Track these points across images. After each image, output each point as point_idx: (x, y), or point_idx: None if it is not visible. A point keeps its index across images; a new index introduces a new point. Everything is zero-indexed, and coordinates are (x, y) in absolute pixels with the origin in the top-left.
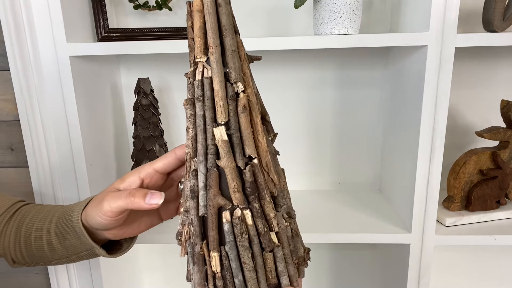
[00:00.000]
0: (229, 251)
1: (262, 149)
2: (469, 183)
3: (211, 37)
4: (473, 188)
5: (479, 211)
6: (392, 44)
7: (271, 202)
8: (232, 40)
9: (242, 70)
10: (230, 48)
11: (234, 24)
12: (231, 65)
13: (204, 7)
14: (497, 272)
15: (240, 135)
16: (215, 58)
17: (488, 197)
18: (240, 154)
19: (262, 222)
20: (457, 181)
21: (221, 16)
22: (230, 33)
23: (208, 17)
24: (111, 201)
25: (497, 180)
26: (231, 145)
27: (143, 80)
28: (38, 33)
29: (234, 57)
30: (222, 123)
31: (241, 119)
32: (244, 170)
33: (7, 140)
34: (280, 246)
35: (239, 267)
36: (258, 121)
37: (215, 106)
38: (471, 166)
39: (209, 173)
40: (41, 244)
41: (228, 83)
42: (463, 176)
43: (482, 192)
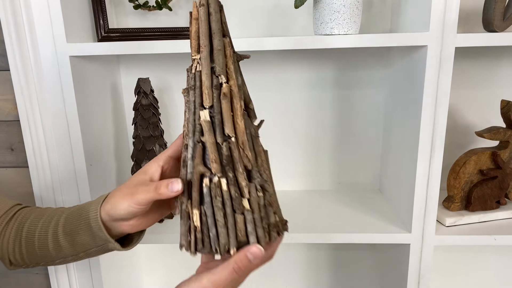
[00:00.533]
0: (206, 210)
1: (240, 130)
2: (469, 183)
3: (202, 39)
4: (473, 188)
5: (479, 211)
6: (392, 44)
7: (243, 173)
8: (219, 41)
9: (227, 65)
10: (216, 47)
11: (223, 28)
12: (217, 61)
13: (199, 16)
14: (497, 272)
15: (221, 118)
16: (203, 56)
17: (488, 197)
18: (220, 132)
19: (235, 189)
20: (457, 181)
21: (212, 23)
22: (218, 36)
23: (201, 23)
24: (143, 194)
25: (497, 180)
26: (212, 125)
27: (143, 80)
28: (38, 33)
29: (219, 55)
30: (207, 107)
31: (222, 105)
32: (222, 145)
33: (7, 140)
34: (250, 211)
35: (213, 223)
36: (239, 107)
37: (203, 93)
38: (471, 166)
39: (195, 147)
40: (46, 244)
41: (213, 75)
42: (463, 176)
43: (482, 192)
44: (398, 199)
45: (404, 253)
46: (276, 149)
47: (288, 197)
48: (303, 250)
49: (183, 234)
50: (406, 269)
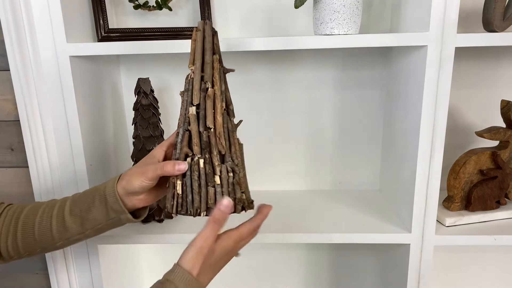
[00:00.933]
0: (186, 181)
1: (218, 123)
2: (469, 183)
3: (196, 55)
4: (473, 188)
5: (479, 211)
6: (392, 44)
7: (217, 156)
8: (209, 57)
9: (213, 75)
10: (206, 61)
11: (213, 48)
12: (205, 71)
13: (196, 38)
14: (497, 272)
15: (205, 113)
16: (196, 67)
17: (488, 197)
18: (202, 124)
19: (209, 167)
20: (457, 181)
21: (205, 44)
22: (208, 53)
23: (197, 44)
24: (152, 171)
25: (497, 180)
26: (198, 118)
27: (143, 80)
28: (38, 33)
29: (208, 67)
30: (195, 104)
31: (206, 104)
32: (202, 134)
33: (7, 140)
34: (220, 185)
35: (190, 192)
36: (219, 107)
37: (193, 94)
38: (471, 166)
39: (184, 134)
40: (49, 227)
41: (202, 82)
42: (463, 176)
43: (482, 192)
44: (398, 199)
45: (404, 253)
46: (276, 149)
47: (288, 197)
48: (303, 250)
49: (168, 199)
50: (406, 269)
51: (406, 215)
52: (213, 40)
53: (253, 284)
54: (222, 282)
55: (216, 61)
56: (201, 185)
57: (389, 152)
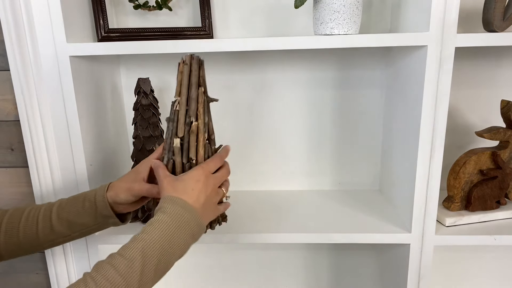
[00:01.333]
0: None
1: (200, 155)
2: (469, 183)
3: (182, 89)
4: (473, 188)
5: (479, 211)
6: (392, 44)
7: None
8: (194, 92)
9: (198, 109)
10: (191, 96)
11: (199, 82)
12: (190, 106)
13: (183, 71)
14: (497, 272)
15: (188, 146)
16: (181, 101)
17: (488, 197)
18: (186, 155)
19: None
20: (457, 181)
21: (192, 77)
22: (194, 88)
23: (184, 76)
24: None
25: (497, 180)
26: (182, 150)
27: (143, 80)
28: (38, 33)
29: (192, 102)
30: (179, 136)
31: (190, 137)
32: (185, 165)
33: (7, 140)
34: None
35: None
36: (202, 139)
37: (178, 126)
38: (471, 166)
39: (168, 162)
40: (35, 231)
41: (187, 115)
42: (463, 176)
43: (482, 192)
44: (398, 199)
45: (404, 253)
46: (276, 149)
47: (288, 197)
48: (303, 250)
49: None
50: (406, 269)
51: (406, 215)
52: (199, 73)
53: (253, 284)
54: (222, 282)
55: (201, 94)
56: None
57: (389, 152)
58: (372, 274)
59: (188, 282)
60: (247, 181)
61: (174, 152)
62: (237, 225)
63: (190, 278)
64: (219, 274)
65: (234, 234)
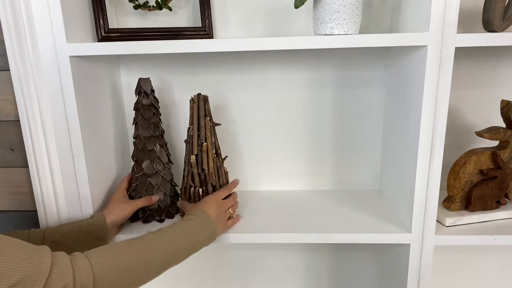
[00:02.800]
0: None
1: (210, 167)
2: (469, 183)
3: (193, 121)
4: (473, 188)
5: (479, 211)
6: (392, 44)
7: (210, 187)
8: (202, 121)
9: (206, 134)
10: (200, 125)
11: (205, 113)
12: (201, 132)
13: (193, 107)
14: (497, 272)
15: (201, 160)
16: (193, 129)
17: (488, 197)
18: (200, 167)
19: (205, 194)
20: (457, 181)
21: (199, 111)
22: (202, 118)
23: (194, 111)
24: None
25: (497, 180)
26: (197, 163)
27: (144, 80)
28: (38, 33)
29: (202, 129)
30: (194, 154)
31: (202, 154)
32: (200, 174)
33: (7, 140)
34: None
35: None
36: (211, 155)
37: (192, 147)
38: (471, 166)
39: (188, 172)
40: None
41: (198, 138)
42: (463, 176)
43: (482, 192)
44: (398, 199)
45: (404, 253)
46: (276, 149)
47: (288, 197)
48: (303, 250)
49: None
50: (406, 269)
51: (406, 215)
52: (205, 107)
53: (253, 284)
54: (222, 282)
55: (208, 122)
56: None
57: (389, 152)
58: (372, 274)
59: (187, 282)
60: (247, 181)
61: (192, 165)
62: (237, 225)
63: (190, 278)
64: (219, 274)
65: (234, 234)
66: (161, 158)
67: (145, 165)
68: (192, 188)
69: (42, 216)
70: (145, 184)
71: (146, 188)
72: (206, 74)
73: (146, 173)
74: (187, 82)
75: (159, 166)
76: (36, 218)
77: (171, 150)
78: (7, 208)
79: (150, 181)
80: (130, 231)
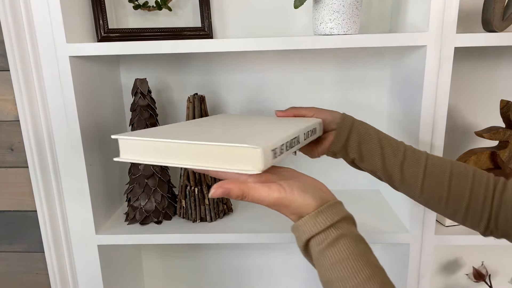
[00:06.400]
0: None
1: None
2: None
3: (189, 119)
4: None
5: None
6: (391, 44)
7: (206, 187)
8: None
9: None
10: None
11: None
12: None
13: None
14: (497, 272)
15: None
16: None
17: None
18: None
19: (201, 194)
20: None
21: (195, 111)
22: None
23: (189, 111)
24: None
25: None
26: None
27: (141, 80)
28: (38, 33)
29: None
30: None
31: None
32: (196, 174)
33: (7, 140)
34: (208, 204)
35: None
36: None
37: None
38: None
39: (184, 172)
40: None
41: None
42: None
43: None
44: (397, 199)
45: (403, 253)
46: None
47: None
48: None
49: (177, 209)
50: (405, 269)
51: (405, 215)
52: (201, 107)
53: (253, 284)
54: (222, 282)
55: None
56: (196, 204)
57: None
58: None
59: (187, 283)
60: None
61: (188, 169)
62: (237, 225)
63: (189, 278)
64: (219, 274)
65: (234, 234)
66: None
67: (142, 166)
68: (188, 187)
69: (42, 216)
70: (142, 185)
71: (143, 190)
72: (206, 74)
73: (143, 174)
74: (186, 83)
75: (156, 168)
76: (36, 218)
77: None
78: (7, 208)
79: (147, 183)
80: (128, 232)
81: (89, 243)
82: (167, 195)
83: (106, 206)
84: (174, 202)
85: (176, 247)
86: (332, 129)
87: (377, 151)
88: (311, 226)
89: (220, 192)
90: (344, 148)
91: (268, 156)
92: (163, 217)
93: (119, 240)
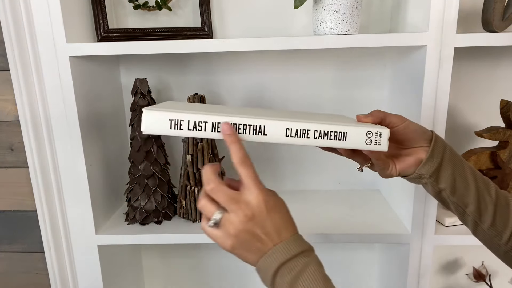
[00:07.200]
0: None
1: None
2: None
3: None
4: None
5: None
6: (391, 44)
7: None
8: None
9: None
10: None
11: None
12: None
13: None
14: (497, 272)
15: (197, 160)
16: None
17: None
18: (196, 166)
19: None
20: None
21: None
22: None
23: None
24: None
25: (497, 180)
26: (192, 163)
27: (141, 80)
28: (38, 33)
29: None
30: (190, 153)
31: (198, 154)
32: (196, 173)
33: (7, 140)
34: None
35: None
36: (206, 155)
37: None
38: None
39: (184, 172)
40: None
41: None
42: None
43: None
44: (397, 199)
45: (404, 252)
46: (276, 149)
47: (288, 197)
48: None
49: (177, 209)
50: (405, 269)
51: (405, 215)
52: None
53: (253, 284)
54: (222, 282)
55: None
56: (196, 204)
57: None
58: (372, 274)
59: (187, 283)
60: None
61: (188, 164)
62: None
63: (189, 278)
64: (219, 274)
65: None
66: (158, 159)
67: (142, 166)
68: (188, 187)
69: (42, 216)
70: (142, 185)
71: (143, 190)
72: (206, 74)
73: (143, 174)
74: (186, 83)
75: (156, 168)
76: (36, 218)
77: (169, 151)
78: (7, 208)
79: (147, 183)
80: (128, 232)
81: (89, 243)
82: (167, 195)
83: (106, 206)
84: (174, 202)
85: (176, 247)
86: (418, 146)
87: (472, 185)
88: (281, 254)
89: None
90: (436, 173)
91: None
92: (163, 217)
93: (119, 240)
